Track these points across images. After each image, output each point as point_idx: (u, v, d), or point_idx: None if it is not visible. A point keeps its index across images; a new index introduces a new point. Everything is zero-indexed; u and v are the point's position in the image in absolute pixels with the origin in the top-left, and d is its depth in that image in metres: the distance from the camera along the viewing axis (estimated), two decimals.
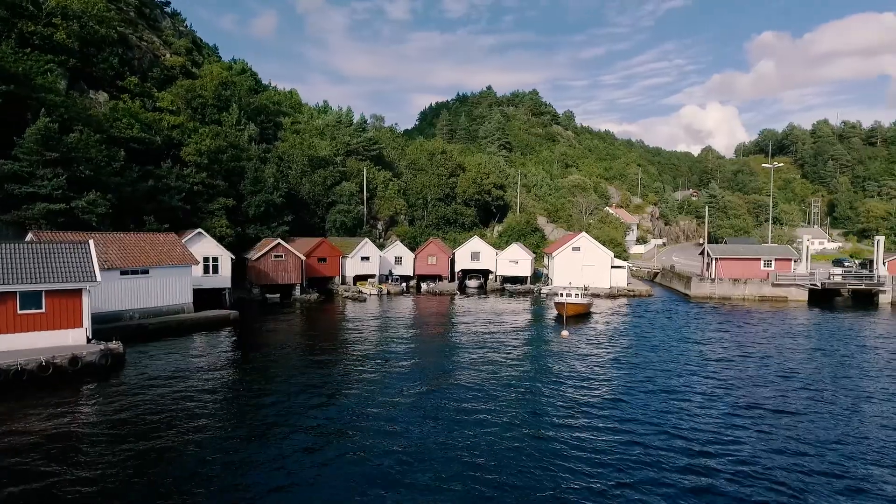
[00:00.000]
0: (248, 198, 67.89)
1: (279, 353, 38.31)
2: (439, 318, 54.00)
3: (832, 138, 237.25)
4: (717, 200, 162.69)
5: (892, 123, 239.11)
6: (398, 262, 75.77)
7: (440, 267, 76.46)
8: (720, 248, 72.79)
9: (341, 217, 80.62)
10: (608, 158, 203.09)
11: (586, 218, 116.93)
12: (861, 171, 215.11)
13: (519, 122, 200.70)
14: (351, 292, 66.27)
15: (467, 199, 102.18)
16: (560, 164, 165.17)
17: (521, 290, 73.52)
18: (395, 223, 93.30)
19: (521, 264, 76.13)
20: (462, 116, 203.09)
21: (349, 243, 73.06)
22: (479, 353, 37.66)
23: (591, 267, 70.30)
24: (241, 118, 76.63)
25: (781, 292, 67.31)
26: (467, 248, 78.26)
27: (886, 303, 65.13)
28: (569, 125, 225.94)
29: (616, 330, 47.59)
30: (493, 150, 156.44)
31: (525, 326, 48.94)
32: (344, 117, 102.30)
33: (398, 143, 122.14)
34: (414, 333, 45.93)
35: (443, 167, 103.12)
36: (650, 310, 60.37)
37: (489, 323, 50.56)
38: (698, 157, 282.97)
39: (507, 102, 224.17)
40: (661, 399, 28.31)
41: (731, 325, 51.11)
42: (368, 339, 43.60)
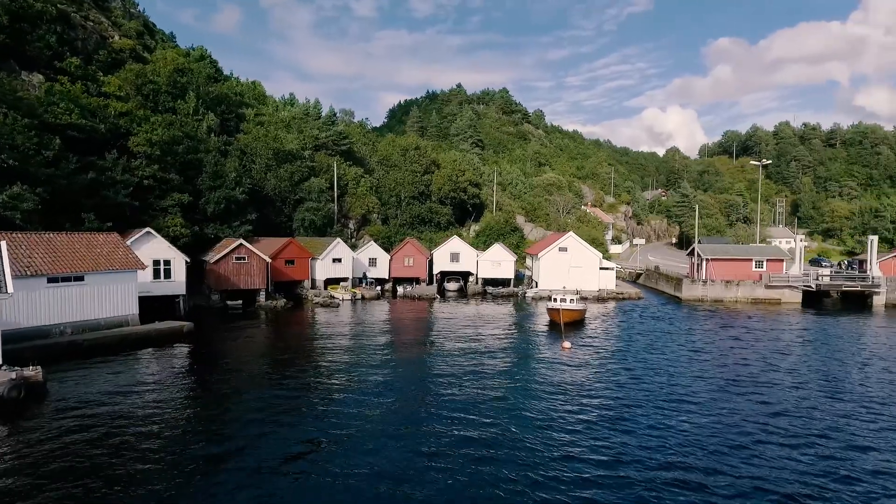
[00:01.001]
0: (207, 194, 60.97)
1: (240, 373, 32.16)
2: (420, 328, 48.46)
3: (794, 140, 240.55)
4: (690, 200, 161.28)
5: (849, 126, 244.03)
6: (372, 264, 69.85)
7: (418, 269, 70.83)
8: (711, 248, 69.22)
9: (310, 215, 74.19)
10: (579, 158, 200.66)
11: (563, 217, 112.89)
12: (822, 171, 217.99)
13: (490, 120, 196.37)
14: (322, 297, 60.10)
15: (442, 198, 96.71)
16: (533, 162, 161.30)
17: (505, 294, 68.47)
18: (368, 222, 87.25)
19: (503, 266, 71.11)
20: (433, 114, 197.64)
21: (319, 244, 66.80)
22: (471, 371, 32.25)
23: (578, 269, 65.73)
24: (199, 107, 69.44)
25: (775, 294, 64.00)
26: (446, 249, 72.84)
27: (880, 305, 62.41)
28: (539, 124, 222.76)
29: (617, 339, 42.89)
30: (465, 147, 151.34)
31: (517, 336, 43.77)
32: (312, 110, 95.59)
33: (369, 139, 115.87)
34: (393, 347, 40.28)
35: (417, 163, 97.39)
36: (645, 315, 56.04)
37: (476, 332, 45.25)
38: (664, 157, 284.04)
39: (477, 100, 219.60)
40: (718, 435, 23.41)
41: (736, 331, 46.98)
42: (342, 354, 37.76)
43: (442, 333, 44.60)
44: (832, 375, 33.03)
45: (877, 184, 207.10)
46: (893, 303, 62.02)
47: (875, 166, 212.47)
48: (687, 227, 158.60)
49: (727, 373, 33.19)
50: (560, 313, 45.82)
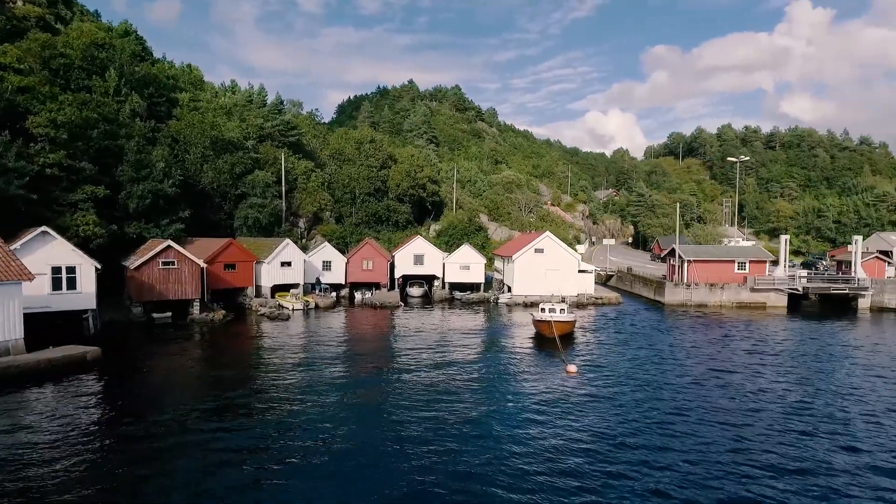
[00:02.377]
0: (129, 187, 51.00)
1: (158, 414, 23.56)
2: (384, 345, 40.63)
3: (736, 142, 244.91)
4: (645, 199, 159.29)
5: (787, 129, 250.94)
6: (327, 268, 61.32)
7: (378, 273, 62.78)
8: (692, 248, 64.49)
9: (254, 213, 64.89)
10: (534, 157, 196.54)
11: (526, 216, 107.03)
12: (764, 173, 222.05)
13: (444, 117, 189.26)
14: (268, 308, 51.24)
15: (401, 195, 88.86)
16: (490, 160, 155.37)
17: (475, 300, 61.40)
18: (320, 220, 78.43)
19: (473, 269, 64.00)
20: (385, 109, 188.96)
21: (265, 245, 57.77)
22: (458, 415, 24.79)
23: (556, 272, 59.35)
24: (121, 87, 59.04)
25: (760, 298, 59.60)
26: (409, 251, 65.09)
27: (865, 308, 58.98)
28: (493, 122, 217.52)
29: (620, 356, 36.41)
30: (420, 143, 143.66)
31: (503, 356, 36.62)
32: (256, 97, 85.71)
33: (319, 131, 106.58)
34: (352, 371, 32.39)
35: (372, 158, 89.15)
36: (635, 322, 50.09)
37: (452, 350, 37.86)
38: (612, 157, 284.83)
39: (430, 97, 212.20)
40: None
41: (742, 341, 41.47)
42: (290, 380, 29.76)
43: (411, 353, 36.94)
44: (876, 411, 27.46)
45: (815, 185, 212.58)
46: (878, 305, 58.67)
47: (812, 168, 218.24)
48: (643, 226, 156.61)
49: (783, 405, 27.09)
50: (552, 326, 39.06)
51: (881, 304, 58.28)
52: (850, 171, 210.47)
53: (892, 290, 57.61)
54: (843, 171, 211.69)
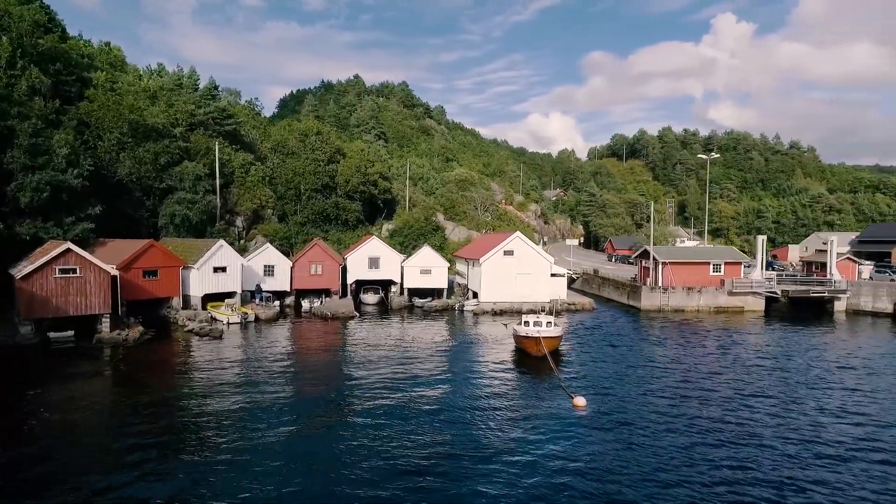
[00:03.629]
0: (21, 176, 41.46)
1: (50, 468, 15.82)
2: (337, 366, 33.45)
3: (676, 144, 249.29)
4: (596, 199, 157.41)
5: (724, 133, 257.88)
6: (269, 273, 53.16)
7: (328, 278, 55.12)
8: (665, 250, 60.40)
9: (183, 210, 55.83)
10: (483, 155, 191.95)
11: (482, 215, 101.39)
12: (704, 174, 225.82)
13: (392, 113, 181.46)
14: (198, 322, 42.85)
15: (350, 191, 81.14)
16: (441, 157, 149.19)
17: (438, 308, 54.79)
18: (261, 219, 69.78)
19: (435, 273, 57.31)
20: (330, 103, 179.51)
21: (195, 247, 49.09)
22: (440, 480, 18.34)
23: (527, 276, 53.58)
24: (16, 59, 48.90)
25: (738, 302, 55.98)
26: (363, 253, 57.70)
27: (841, 311, 56.41)
28: (441, 120, 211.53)
29: (622, 377, 30.84)
30: (369, 139, 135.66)
31: (485, 382, 30.22)
32: (186, 80, 75.82)
33: (259, 122, 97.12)
34: (299, 406, 25.33)
35: (319, 151, 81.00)
36: (618, 333, 44.87)
37: (418, 374, 31.23)
38: (558, 158, 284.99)
39: (376, 93, 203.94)
40: None
41: (742, 354, 36.93)
42: (222, 416, 22.64)
43: (368, 378, 30.05)
44: None
45: (751, 187, 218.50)
46: (854, 308, 56.17)
47: (749, 170, 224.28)
48: (595, 226, 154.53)
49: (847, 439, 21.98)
50: (541, 343, 33.05)
51: (857, 306, 55.77)
52: (783, 173, 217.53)
53: (868, 293, 55.16)
54: (776, 174, 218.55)
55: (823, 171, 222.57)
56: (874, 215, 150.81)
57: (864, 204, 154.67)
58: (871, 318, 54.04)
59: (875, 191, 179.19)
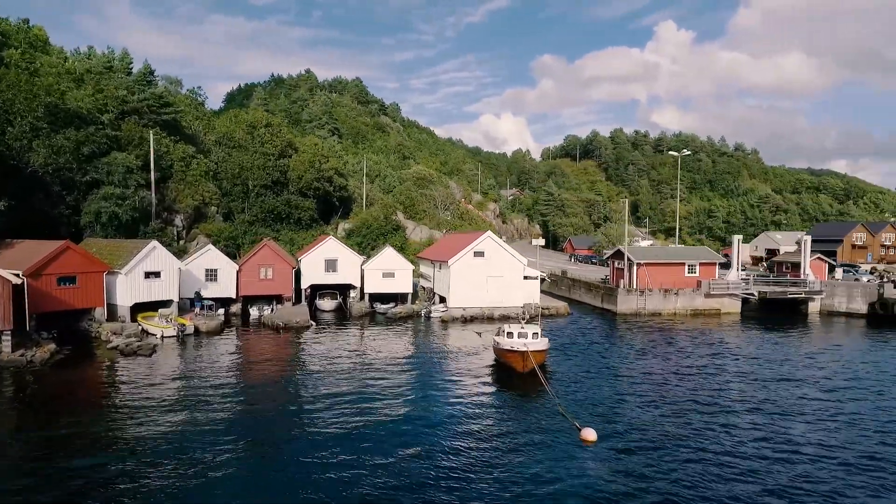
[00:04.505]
0: None
1: None
2: (291, 386, 28.24)
3: (628, 145, 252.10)
4: (555, 199, 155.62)
5: (673, 135, 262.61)
6: (211, 278, 46.89)
7: (279, 283, 49.26)
8: (640, 250, 57.52)
9: (111, 206, 48.79)
10: (440, 153, 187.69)
11: (443, 214, 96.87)
12: (655, 175, 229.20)
13: (346, 108, 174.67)
14: (125, 337, 36.47)
15: (303, 188, 75.04)
16: (397, 154, 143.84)
17: (403, 314, 49.80)
18: (204, 217, 62.97)
19: (398, 277, 52.26)
20: (281, 97, 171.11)
21: (123, 249, 42.39)
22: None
23: (499, 279, 49.34)
24: None
25: (714, 304, 53.55)
26: (319, 255, 52.07)
27: (815, 312, 54.83)
28: (396, 117, 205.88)
29: (622, 396, 26.91)
30: (322, 134, 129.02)
31: (465, 406, 25.61)
32: (118, 63, 67.94)
33: (202, 113, 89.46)
34: (248, 438, 20.12)
35: (269, 144, 74.55)
36: (602, 341, 41.19)
37: (386, 396, 26.49)
38: (513, 158, 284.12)
39: (329, 88, 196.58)
40: None
41: (745, 359, 33.81)
42: (153, 466, 16.96)
43: (325, 405, 25.03)
44: None
45: (699, 187, 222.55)
46: (828, 309, 54.65)
47: (697, 171, 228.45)
48: (553, 225, 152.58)
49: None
50: (529, 358, 28.75)
51: (831, 307, 54.27)
52: (730, 174, 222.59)
53: (842, 293, 53.71)
54: (723, 175, 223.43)
55: (766, 172, 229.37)
56: (818, 215, 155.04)
57: (809, 204, 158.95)
58: (845, 319, 52.57)
59: (815, 191, 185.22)
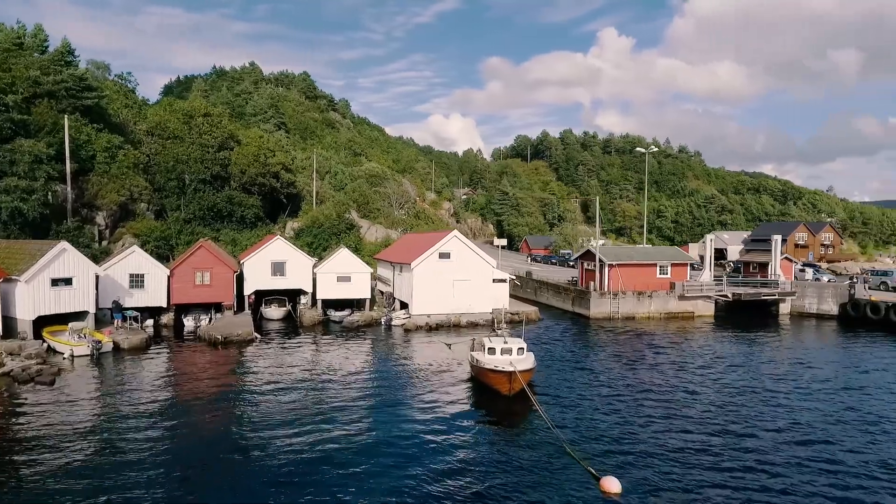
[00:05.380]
0: None
1: None
2: (229, 414, 22.80)
3: (577, 146, 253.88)
4: (510, 198, 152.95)
5: (620, 136, 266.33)
6: (137, 284, 40.27)
7: (219, 288, 43.03)
8: (612, 251, 54.41)
9: (13, 201, 41.37)
10: (392, 151, 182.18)
11: (398, 212, 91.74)
12: (604, 175, 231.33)
13: (293, 103, 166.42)
14: (23, 359, 29.80)
15: (247, 183, 68.54)
16: (348, 151, 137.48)
17: (361, 323, 44.52)
18: (131, 215, 55.67)
19: (355, 281, 46.90)
20: (223, 90, 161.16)
21: (23, 252, 35.31)
22: None
23: (465, 282, 44.89)
24: None
25: (688, 306, 51.01)
26: (265, 257, 46.09)
27: (786, 313, 53.21)
28: (346, 113, 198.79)
29: (631, 422, 22.93)
30: (268, 128, 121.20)
31: (446, 443, 20.98)
32: (30, 39, 59.40)
33: (133, 101, 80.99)
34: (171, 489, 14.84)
35: (208, 135, 67.65)
36: (586, 349, 37.38)
37: (351, 421, 21.58)
38: (464, 157, 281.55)
39: (276, 82, 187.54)
40: None
41: (743, 366, 30.60)
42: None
43: (274, 440, 19.83)
44: None
45: (646, 187, 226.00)
46: (798, 310, 53.09)
47: (644, 172, 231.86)
48: (509, 225, 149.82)
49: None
50: (516, 379, 24.37)
51: (801, 308, 52.70)
52: (675, 175, 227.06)
53: (812, 294, 52.23)
54: (669, 176, 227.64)
55: (709, 174, 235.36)
56: (761, 215, 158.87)
57: (752, 205, 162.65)
58: (816, 321, 51.04)
59: (756, 192, 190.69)
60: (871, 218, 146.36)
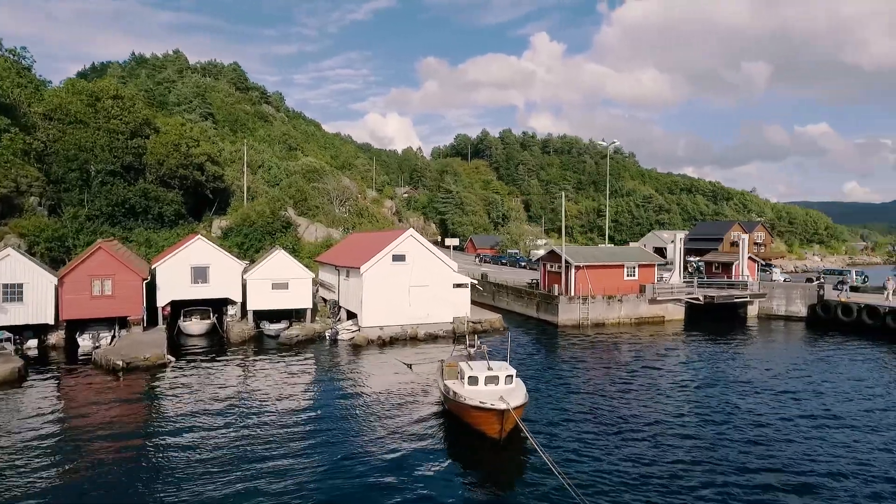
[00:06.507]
0: None
1: None
2: (130, 468, 15.99)
3: (517, 146, 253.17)
4: (454, 196, 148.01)
5: (558, 136, 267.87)
6: (13, 297, 31.61)
7: (123, 299, 34.95)
8: (580, 251, 49.92)
9: None
10: (330, 147, 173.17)
11: (338, 210, 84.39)
12: (544, 175, 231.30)
13: (222, 94, 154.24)
14: None
15: (166, 176, 59.57)
16: (283, 145, 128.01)
17: (301, 338, 37.55)
18: (17, 210, 46.02)
19: (293, 288, 39.79)
20: (142, 77, 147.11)
21: None
22: None
23: (423, 289, 38.90)
24: None
25: (658, 310, 47.36)
26: (183, 260, 38.22)
27: (754, 315, 50.69)
28: (280, 107, 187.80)
29: (659, 467, 17.91)
30: (193, 118, 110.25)
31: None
32: None
33: (28, 80, 69.54)
34: None
35: (118, 120, 58.22)
36: (569, 364, 32.30)
37: (289, 476, 15.40)
38: (404, 155, 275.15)
39: (203, 71, 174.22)
40: None
41: (758, 379, 26.50)
42: None
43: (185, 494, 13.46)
44: None
45: (585, 188, 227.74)
46: (766, 312, 50.63)
47: (582, 172, 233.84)
48: (453, 224, 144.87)
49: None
50: (509, 419, 18.79)
51: (769, 310, 50.27)
52: (612, 176, 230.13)
53: (780, 295, 49.88)
54: (606, 176, 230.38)
55: (643, 174, 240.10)
56: (696, 214, 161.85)
57: (688, 204, 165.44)
58: (784, 323, 48.72)
59: (689, 192, 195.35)
60: (797, 218, 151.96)
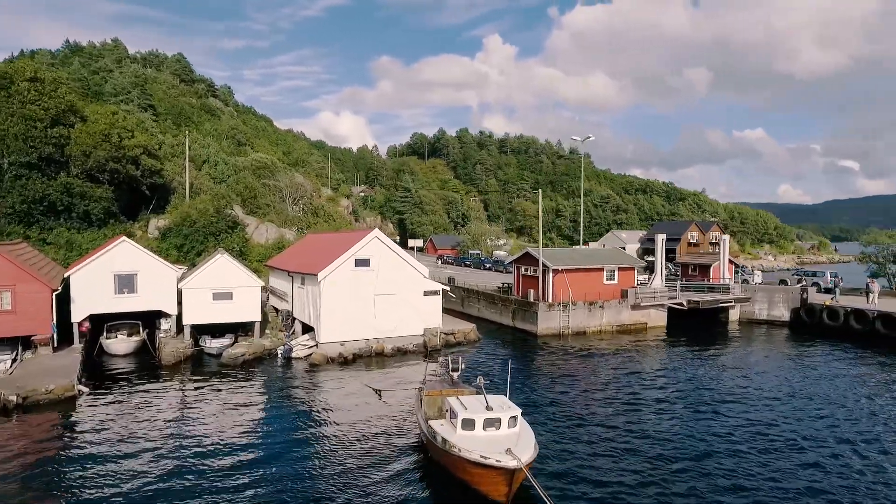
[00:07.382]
0: None
1: None
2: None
3: (474, 145, 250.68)
4: (412, 196, 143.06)
5: (515, 136, 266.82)
6: None
7: (26, 315, 28.60)
8: (558, 254, 46.12)
9: None
10: (282, 143, 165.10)
11: (291, 209, 78.22)
12: (502, 175, 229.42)
13: (165, 86, 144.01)
14: None
15: (94, 169, 52.51)
16: (231, 140, 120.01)
17: (248, 357, 32.11)
18: None
19: (238, 298, 34.20)
20: (75, 64, 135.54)
21: None
22: None
23: (391, 297, 34.14)
24: None
25: (641, 317, 44.18)
26: (104, 267, 32.06)
27: (735, 320, 48.33)
28: (229, 101, 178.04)
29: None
30: (131, 109, 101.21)
31: None
32: None
33: None
34: None
35: (36, 105, 50.79)
36: (560, 382, 28.24)
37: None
38: (359, 154, 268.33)
39: (143, 61, 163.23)
40: None
41: (779, 398, 23.11)
42: None
43: None
44: None
45: (542, 187, 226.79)
46: (747, 317, 48.33)
47: (539, 172, 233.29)
48: (412, 223, 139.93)
49: None
50: (517, 478, 14.46)
51: (751, 315, 47.99)
52: (568, 176, 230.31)
53: (762, 299, 47.65)
54: (562, 176, 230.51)
55: (598, 175, 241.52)
56: (653, 215, 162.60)
57: (645, 205, 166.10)
58: (766, 327, 46.48)
59: (644, 193, 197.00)
60: (748, 218, 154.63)
